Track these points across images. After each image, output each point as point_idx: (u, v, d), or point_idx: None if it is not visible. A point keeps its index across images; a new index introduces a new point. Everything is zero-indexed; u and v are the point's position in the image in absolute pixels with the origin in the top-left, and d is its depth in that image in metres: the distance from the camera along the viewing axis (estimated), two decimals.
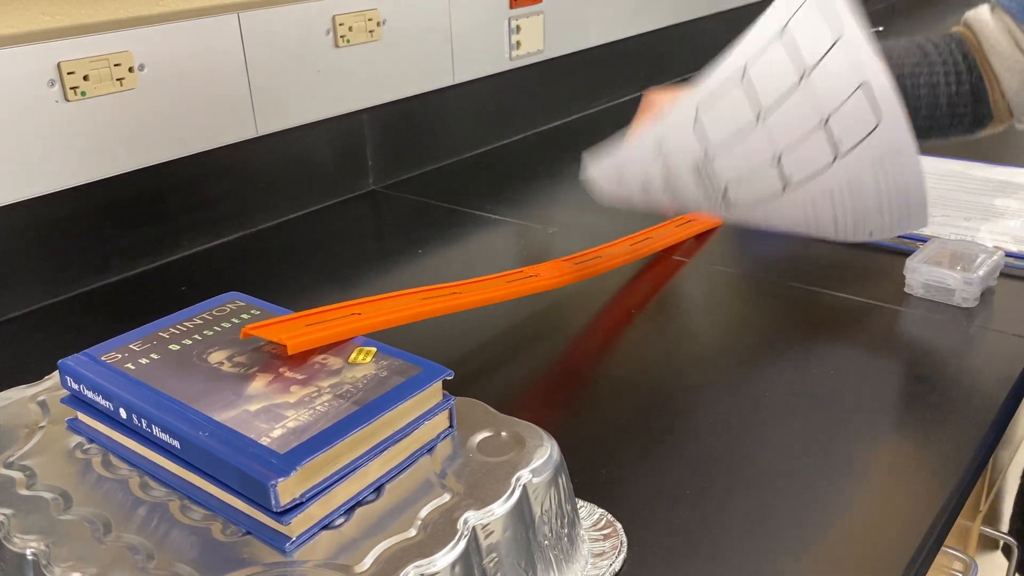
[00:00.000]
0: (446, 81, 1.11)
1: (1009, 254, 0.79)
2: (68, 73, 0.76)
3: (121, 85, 0.80)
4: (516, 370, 0.66)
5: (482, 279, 0.67)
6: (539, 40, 1.23)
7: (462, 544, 0.39)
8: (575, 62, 1.31)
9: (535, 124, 1.28)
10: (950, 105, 0.69)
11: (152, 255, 0.87)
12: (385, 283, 0.82)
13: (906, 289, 0.75)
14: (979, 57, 0.69)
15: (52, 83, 0.76)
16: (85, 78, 0.77)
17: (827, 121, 0.47)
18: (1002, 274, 0.76)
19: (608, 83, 1.40)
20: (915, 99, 0.67)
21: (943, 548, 0.56)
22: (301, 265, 0.87)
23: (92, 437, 0.46)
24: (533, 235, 0.92)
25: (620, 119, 1.32)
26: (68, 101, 0.77)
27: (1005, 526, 0.98)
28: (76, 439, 0.47)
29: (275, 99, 0.93)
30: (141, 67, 0.81)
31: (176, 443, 0.42)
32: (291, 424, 0.41)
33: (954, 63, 0.69)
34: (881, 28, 1.72)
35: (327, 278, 0.83)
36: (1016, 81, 0.68)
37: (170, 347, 0.48)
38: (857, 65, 0.42)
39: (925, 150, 0.59)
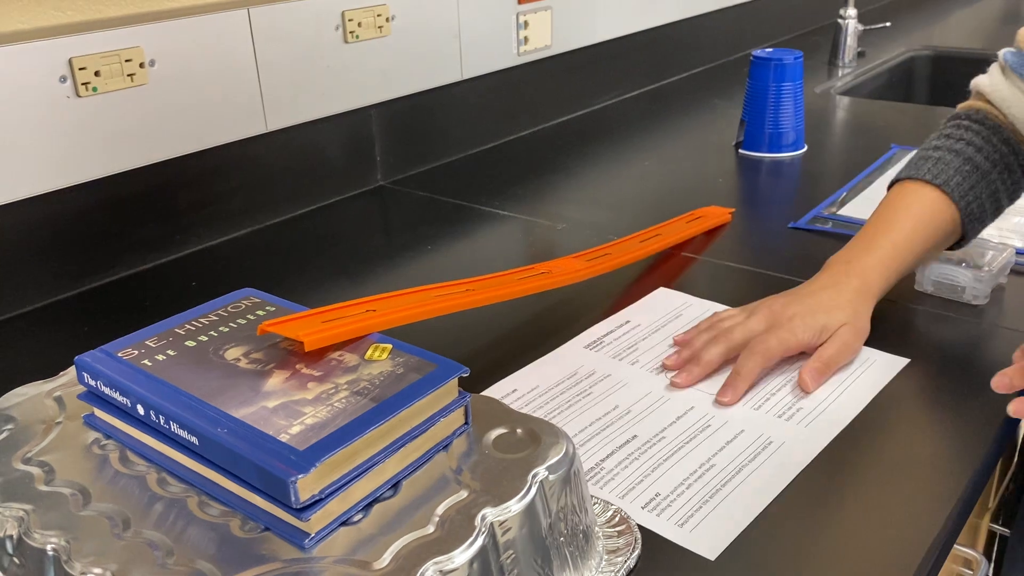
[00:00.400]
0: (454, 77, 1.11)
1: (1020, 251, 0.79)
2: (79, 69, 0.76)
3: (132, 81, 0.80)
4: (523, 366, 0.66)
5: (495, 275, 0.67)
6: (547, 36, 1.23)
7: (480, 541, 0.39)
8: (583, 57, 1.31)
9: (543, 119, 1.28)
10: (1009, 196, 0.71)
11: (163, 250, 0.87)
12: (394, 279, 0.82)
13: (916, 286, 0.75)
14: (1017, 137, 0.70)
15: (63, 79, 0.76)
16: (96, 74, 0.77)
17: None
18: (1013, 271, 0.76)
19: (616, 78, 1.40)
20: (981, 212, 0.70)
21: (954, 546, 0.56)
22: (310, 260, 0.87)
23: (109, 433, 0.47)
24: (541, 231, 0.92)
25: (628, 114, 1.33)
26: (79, 97, 0.77)
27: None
28: (93, 435, 0.47)
29: (284, 94, 0.93)
30: (152, 63, 0.81)
31: (194, 439, 0.42)
32: (309, 421, 0.41)
33: (1001, 157, 0.69)
34: (888, 24, 1.71)
35: (336, 273, 0.84)
36: None
37: (186, 343, 0.48)
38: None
39: None
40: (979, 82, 0.72)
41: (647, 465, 0.54)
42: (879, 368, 0.64)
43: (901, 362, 0.65)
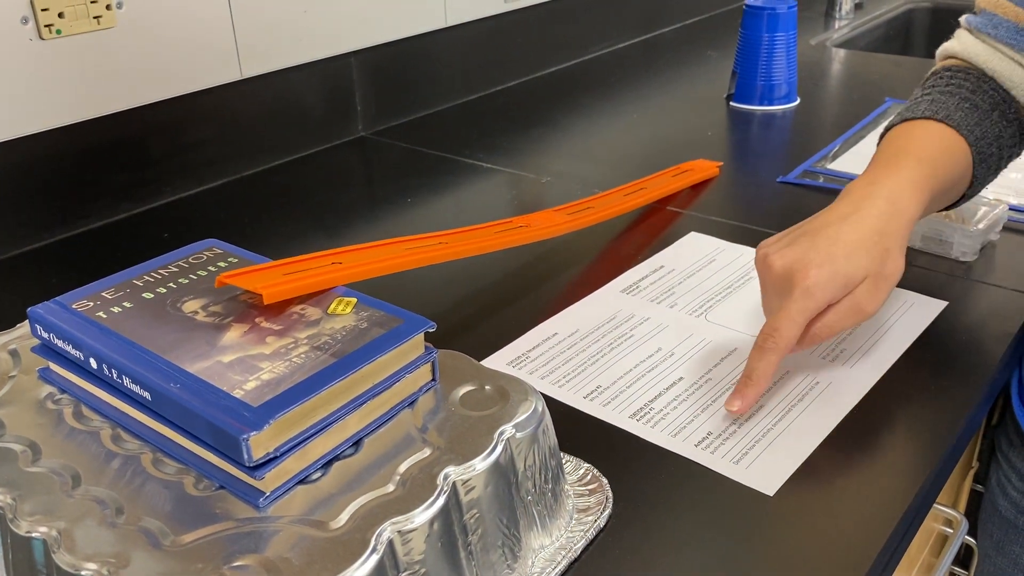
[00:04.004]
0: (438, 23, 1.08)
1: (1012, 207, 0.77)
2: (42, 10, 0.73)
3: (98, 23, 0.77)
4: (504, 323, 0.65)
5: (470, 228, 0.65)
6: None
7: (441, 500, 0.38)
8: (573, 5, 1.28)
9: (530, 70, 1.25)
10: (1010, 145, 0.65)
11: (134, 201, 0.85)
12: (373, 232, 0.80)
13: None
14: (1005, 88, 0.65)
15: (25, 20, 0.73)
16: (60, 15, 0.74)
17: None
18: (1005, 228, 0.75)
19: (608, 28, 1.36)
20: (990, 154, 0.63)
21: (934, 505, 0.55)
22: (287, 213, 0.85)
23: (64, 387, 0.45)
24: (526, 184, 0.89)
25: (619, 65, 1.29)
26: (43, 40, 0.74)
27: None
28: (47, 389, 0.45)
29: (260, 40, 0.90)
30: (119, 4, 0.78)
31: (147, 395, 0.40)
32: (266, 376, 0.40)
33: (996, 103, 0.63)
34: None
35: (313, 227, 0.82)
36: None
37: (143, 295, 0.47)
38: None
39: None
40: (949, 46, 0.68)
41: (696, 405, 0.55)
42: (918, 310, 0.64)
43: (940, 305, 0.65)
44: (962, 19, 0.67)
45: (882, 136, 0.65)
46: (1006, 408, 0.72)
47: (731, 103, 1.12)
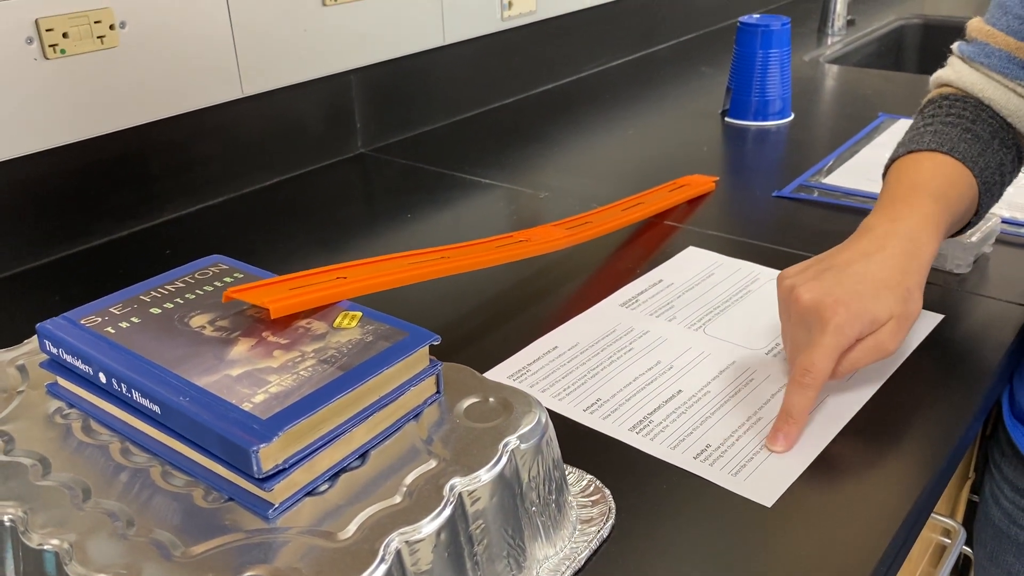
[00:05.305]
0: (436, 42, 1.09)
1: (1005, 220, 0.78)
2: (47, 30, 0.74)
3: (102, 43, 0.78)
4: (504, 336, 0.65)
5: (471, 243, 0.66)
6: (532, 0, 1.21)
7: (448, 511, 0.38)
8: (569, 23, 1.29)
9: (527, 87, 1.26)
10: (1011, 171, 0.67)
11: (136, 218, 0.85)
12: (373, 248, 0.81)
13: None
14: (1001, 115, 0.66)
15: (30, 40, 0.74)
16: (64, 35, 0.75)
17: None
18: (998, 240, 0.76)
19: (603, 45, 1.38)
20: (993, 182, 0.64)
21: (932, 515, 0.56)
22: (288, 229, 0.86)
23: (72, 402, 0.46)
24: (524, 200, 0.90)
25: (615, 82, 1.31)
26: (47, 59, 0.75)
27: None
28: (56, 404, 0.46)
29: (261, 59, 0.91)
30: (123, 25, 0.79)
31: (156, 408, 0.41)
32: (274, 389, 0.40)
33: (995, 130, 0.65)
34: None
35: (314, 242, 0.82)
36: None
37: (151, 311, 0.47)
38: None
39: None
40: (943, 74, 0.69)
41: (695, 418, 0.55)
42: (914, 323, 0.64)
43: (936, 318, 0.65)
44: (954, 47, 0.68)
45: (887, 166, 0.66)
46: (998, 419, 0.73)
47: (726, 119, 1.13)
